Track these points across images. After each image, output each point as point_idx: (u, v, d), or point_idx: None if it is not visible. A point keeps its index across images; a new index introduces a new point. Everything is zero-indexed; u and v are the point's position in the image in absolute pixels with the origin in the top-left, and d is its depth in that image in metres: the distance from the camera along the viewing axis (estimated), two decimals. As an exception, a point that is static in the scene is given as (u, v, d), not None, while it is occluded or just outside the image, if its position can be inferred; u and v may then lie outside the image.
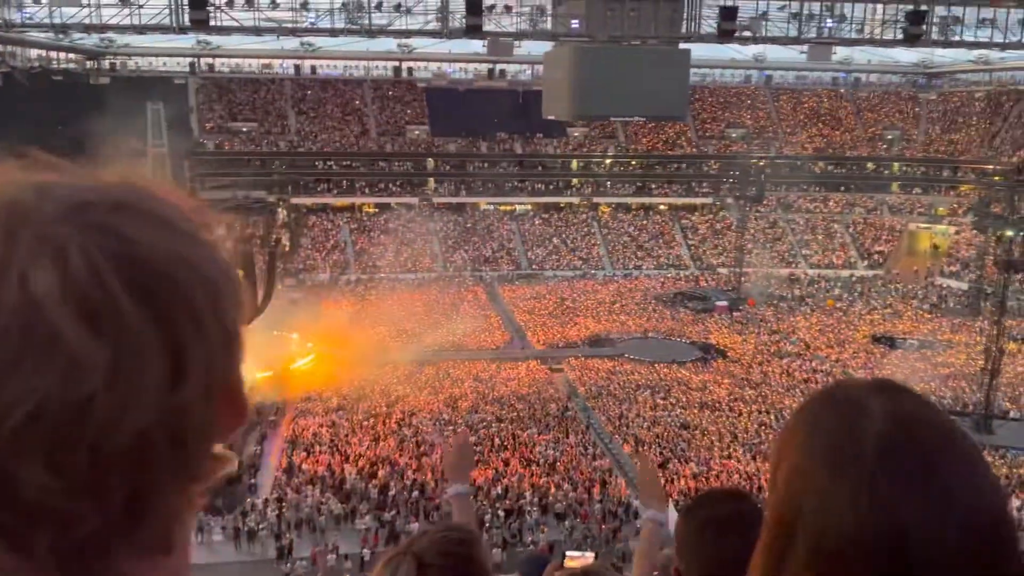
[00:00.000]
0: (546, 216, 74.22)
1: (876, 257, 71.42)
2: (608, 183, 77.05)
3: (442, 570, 1.98)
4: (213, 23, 38.19)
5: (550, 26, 41.10)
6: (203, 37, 65.42)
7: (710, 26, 40.53)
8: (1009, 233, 42.42)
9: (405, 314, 51.69)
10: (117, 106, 42.22)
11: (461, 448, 2.98)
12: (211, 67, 77.87)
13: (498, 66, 79.51)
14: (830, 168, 79.41)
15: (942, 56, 75.38)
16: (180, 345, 0.65)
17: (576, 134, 77.52)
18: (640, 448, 32.79)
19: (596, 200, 75.68)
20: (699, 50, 48.64)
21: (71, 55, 71.14)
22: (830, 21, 42.28)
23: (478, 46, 55.25)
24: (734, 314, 55.41)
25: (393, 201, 73.12)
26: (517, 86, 79.07)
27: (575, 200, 75.64)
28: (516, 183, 75.60)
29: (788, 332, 51.45)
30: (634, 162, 78.19)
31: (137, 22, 38.69)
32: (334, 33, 41.67)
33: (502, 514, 27.08)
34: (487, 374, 42.24)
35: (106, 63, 74.09)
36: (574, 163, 77.43)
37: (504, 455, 31.59)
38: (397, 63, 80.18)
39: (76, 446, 0.61)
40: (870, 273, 68.57)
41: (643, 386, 40.43)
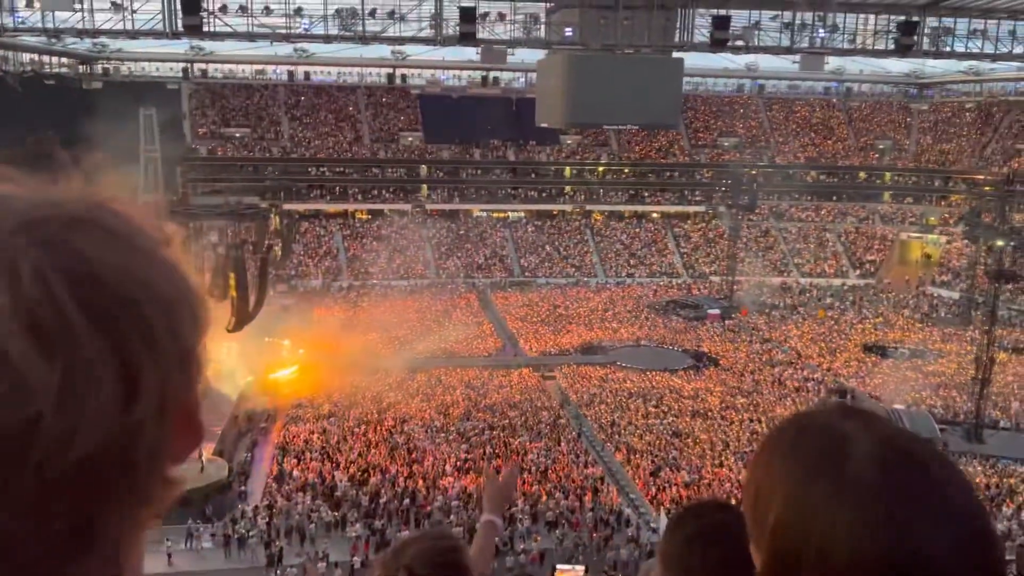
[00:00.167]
0: (539, 223, 74.29)
1: (868, 266, 71.67)
2: (601, 191, 77.22)
3: None
4: (207, 29, 38.11)
5: (544, 34, 41.19)
6: (196, 42, 65.40)
7: (703, 35, 40.68)
8: (1000, 243, 42.68)
9: (397, 321, 51.63)
10: (110, 111, 42.13)
11: (508, 481, 2.97)
12: (204, 72, 77.84)
13: (492, 73, 79.67)
14: (822, 177, 79.79)
15: (933, 67, 75.84)
16: (133, 366, 0.63)
17: (569, 142, 77.67)
18: (632, 455, 32.77)
19: (589, 208, 75.83)
20: (692, 59, 48.78)
21: (64, 60, 70.96)
22: (822, 31, 42.45)
23: (472, 53, 55.32)
24: (726, 322, 55.51)
25: (386, 208, 73.13)
26: (510, 93, 79.21)
27: (568, 208, 75.77)
28: (509, 190, 75.71)
29: (780, 341, 51.56)
30: (627, 170, 78.37)
31: (130, 27, 38.53)
32: (328, 39, 41.66)
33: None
34: (479, 381, 42.14)
35: (99, 68, 74.01)
36: (567, 171, 77.57)
37: (496, 463, 31.52)
38: (391, 70, 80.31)
39: (20, 468, 0.59)
40: (862, 282, 68.80)
41: (635, 394, 40.41)
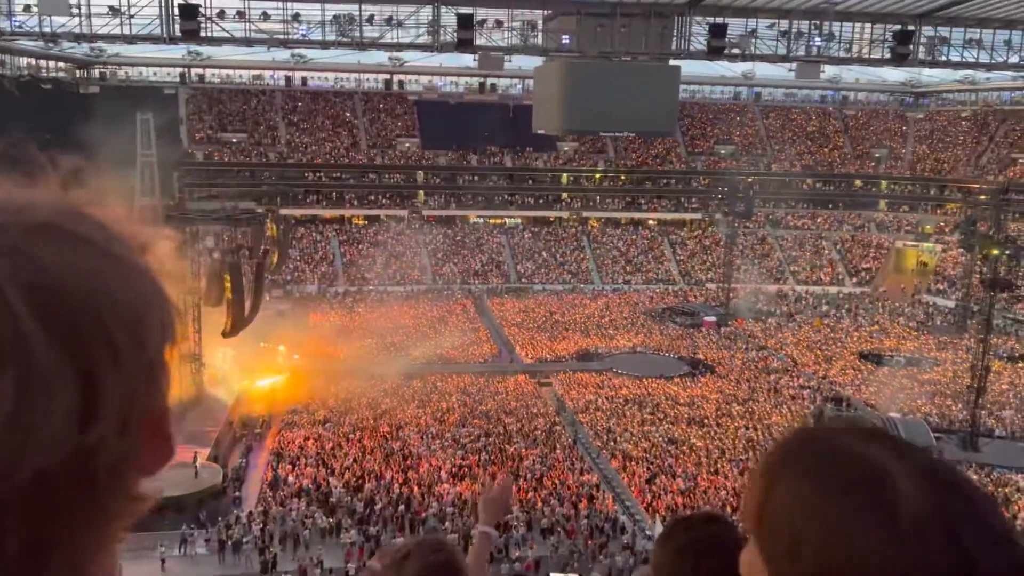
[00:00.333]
0: (536, 230, 74.31)
1: (863, 274, 71.77)
2: (598, 198, 77.32)
3: None
4: (204, 34, 38.08)
5: (541, 41, 41.23)
6: (194, 47, 65.42)
7: (700, 43, 40.78)
8: (995, 251, 42.71)
9: (393, 327, 51.57)
10: (106, 115, 41.99)
11: (503, 492, 2.95)
12: (201, 77, 77.88)
13: (489, 80, 79.84)
14: (818, 185, 79.98)
15: (929, 76, 76.22)
16: (93, 379, 0.61)
17: (566, 148, 77.77)
18: (627, 462, 32.72)
19: (586, 214, 75.89)
20: (689, 67, 48.92)
21: (61, 64, 70.94)
22: (819, 39, 42.57)
23: (469, 60, 55.41)
24: (722, 330, 55.51)
25: (383, 213, 73.10)
26: (508, 100, 79.39)
27: (565, 214, 75.83)
28: (506, 196, 75.72)
29: (776, 348, 51.57)
30: (624, 177, 78.45)
31: (128, 32, 38.52)
32: (325, 45, 41.65)
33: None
34: (475, 388, 42.09)
35: (96, 72, 74.02)
36: (564, 177, 77.63)
37: (491, 469, 31.45)
38: (388, 76, 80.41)
39: None
40: (857, 290, 68.89)
41: (631, 401, 40.37)
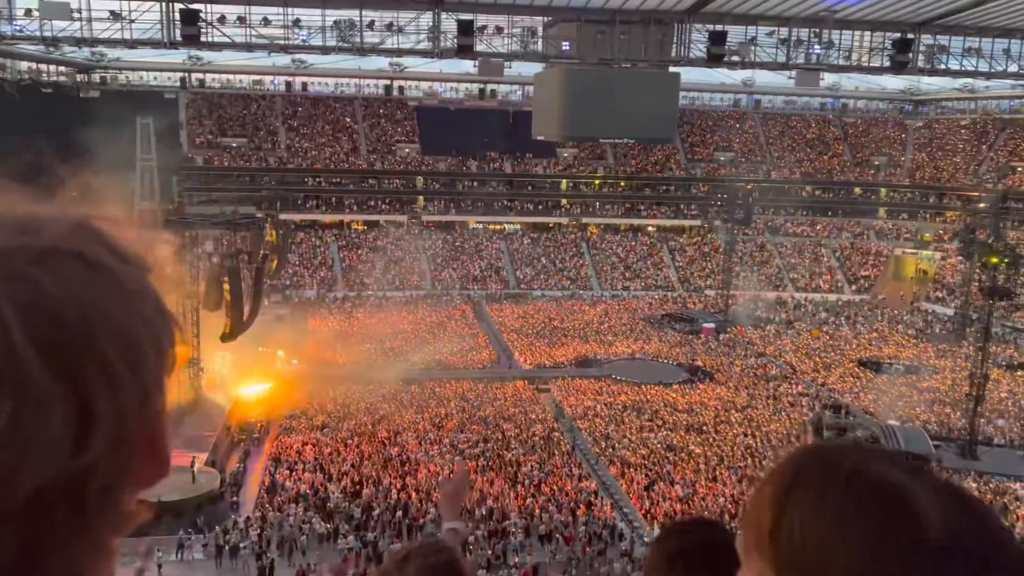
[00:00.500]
0: (535, 236, 74.36)
1: (862, 282, 71.80)
2: (597, 204, 77.36)
3: None
4: (204, 39, 38.08)
5: (541, 48, 41.28)
6: (194, 52, 65.47)
7: (699, 50, 40.82)
8: (994, 260, 42.72)
9: (392, 332, 51.54)
10: (107, 120, 42.12)
11: (459, 484, 2.90)
12: (202, 82, 77.98)
13: (489, 86, 79.91)
14: (817, 193, 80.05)
15: (928, 84, 76.25)
16: (88, 403, 0.63)
17: (566, 155, 77.84)
18: (626, 469, 32.68)
19: (585, 220, 75.93)
20: (688, 74, 48.97)
21: (61, 68, 71.01)
22: (818, 47, 42.63)
23: (469, 66, 55.42)
24: (721, 336, 55.50)
25: (382, 219, 73.14)
26: (507, 106, 79.47)
27: (564, 220, 75.87)
28: (505, 202, 75.78)
29: (775, 355, 51.55)
30: (623, 183, 78.53)
31: (128, 36, 38.53)
32: (326, 51, 41.64)
33: (486, 535, 26.87)
34: (473, 393, 42.05)
35: (96, 77, 74.07)
36: (563, 183, 77.70)
37: (489, 475, 31.41)
38: (388, 81, 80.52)
39: None
40: (856, 298, 68.90)
41: (629, 407, 40.34)
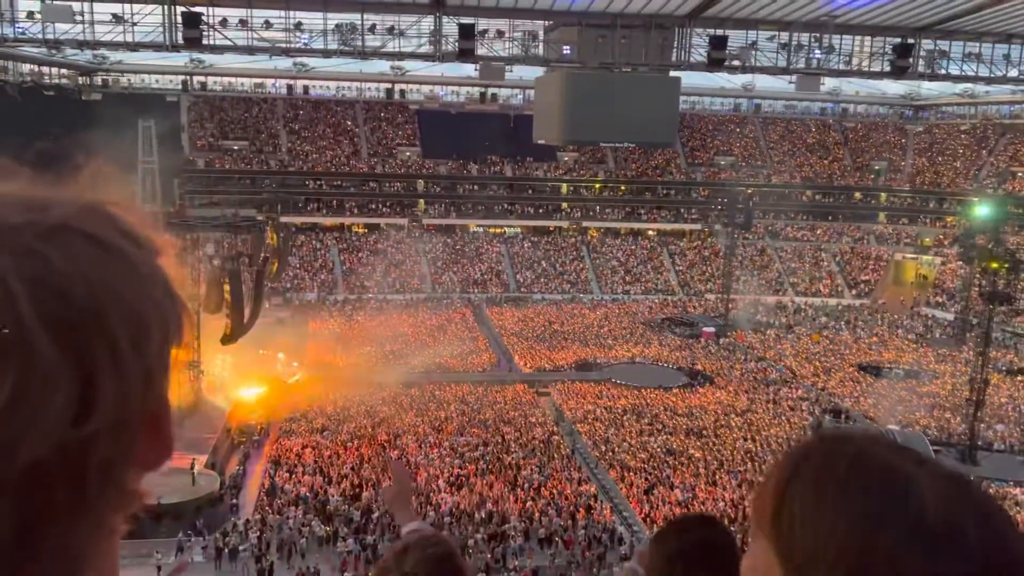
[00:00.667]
0: (535, 239, 74.40)
1: (863, 286, 71.81)
2: (597, 207, 77.41)
3: None
4: (206, 42, 38.16)
5: (542, 52, 41.33)
6: (196, 55, 65.59)
7: (700, 55, 40.88)
8: (994, 264, 42.71)
9: (392, 335, 51.56)
10: (109, 122, 42.16)
11: (399, 484, 2.77)
12: (203, 85, 78.11)
13: (490, 90, 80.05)
14: (818, 197, 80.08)
15: (929, 89, 76.45)
16: (91, 379, 0.64)
17: (566, 158, 77.91)
18: (626, 473, 32.67)
19: (585, 224, 75.98)
20: (689, 78, 49.09)
21: (63, 70, 71.12)
22: (819, 52, 42.67)
23: (470, 70, 55.58)
24: (721, 341, 55.50)
25: (383, 222, 73.20)
26: (508, 110, 79.55)
27: (564, 224, 75.92)
28: (506, 206, 75.84)
29: (775, 360, 51.55)
30: (623, 187, 78.60)
31: (130, 39, 38.55)
32: (327, 54, 41.72)
33: (486, 538, 26.89)
34: (473, 397, 42.05)
35: (98, 79, 74.23)
36: (564, 187, 77.77)
37: (488, 479, 31.41)
38: (389, 85, 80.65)
39: None
40: (857, 302, 68.91)
41: (629, 411, 40.34)
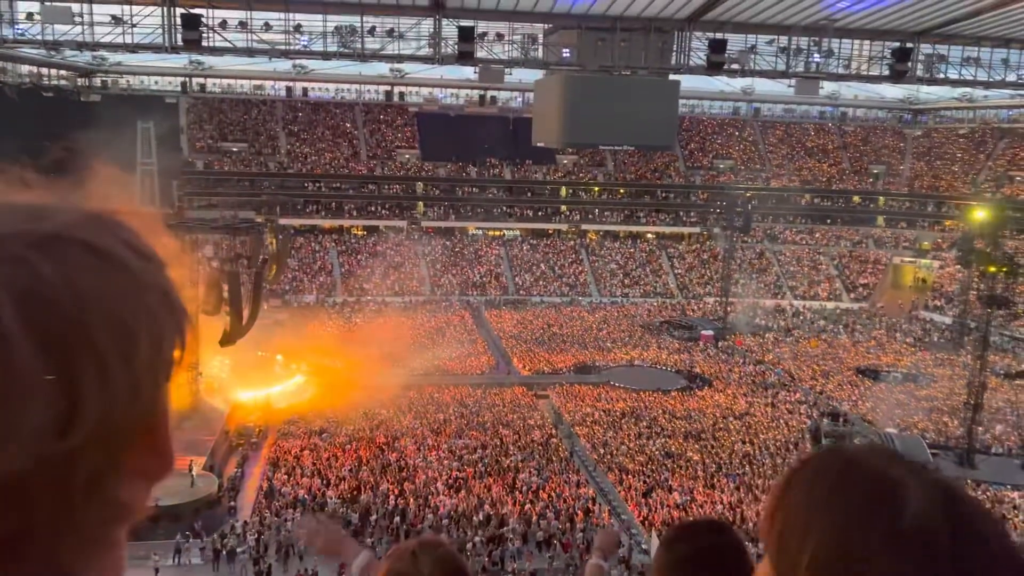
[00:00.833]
0: (534, 242, 74.42)
1: (861, 290, 71.86)
2: (596, 210, 77.46)
3: None
4: (206, 43, 38.17)
5: (541, 55, 41.39)
6: (195, 57, 65.62)
7: (699, 58, 40.96)
8: (992, 268, 42.76)
9: (391, 337, 51.49)
10: (107, 124, 42.02)
11: (328, 531, 2.68)
12: (203, 87, 78.09)
13: (489, 93, 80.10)
14: (816, 201, 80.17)
15: (927, 93, 76.48)
16: (76, 391, 0.62)
17: (565, 161, 77.96)
18: (624, 476, 32.67)
19: (584, 227, 76.01)
20: (688, 81, 49.10)
21: (62, 72, 71.11)
22: (818, 56, 42.73)
23: (470, 72, 55.62)
24: (720, 344, 55.52)
25: (382, 224, 73.20)
26: (508, 113, 79.62)
27: (563, 227, 75.94)
28: (505, 208, 75.86)
29: (773, 363, 51.58)
30: (622, 190, 78.63)
31: (130, 41, 38.60)
32: (327, 56, 41.76)
33: (484, 541, 26.86)
34: (472, 399, 42.05)
35: (97, 81, 74.22)
36: (563, 190, 77.80)
37: (487, 481, 31.40)
38: (389, 87, 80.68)
39: None
40: (855, 306, 68.95)
41: (628, 414, 40.35)
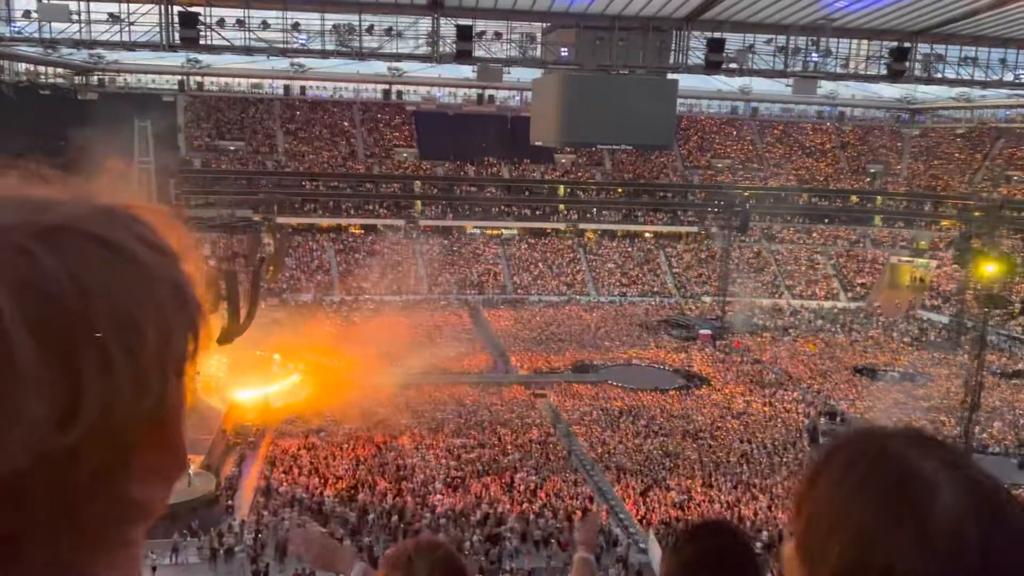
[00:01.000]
0: (532, 241, 74.39)
1: (858, 289, 71.92)
2: (594, 210, 77.44)
3: None
4: (203, 42, 38.11)
5: (539, 54, 41.39)
6: (193, 55, 65.51)
7: (697, 57, 40.98)
8: (989, 268, 42.85)
9: (389, 336, 51.43)
10: (104, 122, 41.94)
11: (306, 541, 2.69)
12: (200, 85, 77.98)
13: (487, 91, 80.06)
14: (814, 200, 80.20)
15: (925, 92, 76.54)
16: (77, 383, 0.61)
17: (563, 160, 77.94)
18: (622, 475, 32.68)
19: (582, 226, 75.99)
20: (686, 81, 49.13)
21: (59, 70, 70.99)
22: (815, 55, 42.77)
23: (468, 71, 55.59)
24: (717, 343, 55.54)
25: (379, 223, 73.15)
26: (506, 111, 79.56)
27: (561, 226, 75.92)
28: (503, 207, 75.82)
29: (771, 362, 51.60)
30: (620, 189, 78.62)
31: (127, 39, 38.55)
32: (325, 55, 41.73)
33: (482, 540, 26.85)
34: (470, 398, 42.03)
35: (94, 79, 74.05)
36: (561, 189, 77.79)
37: (485, 480, 31.38)
38: (387, 86, 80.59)
39: None
40: (852, 305, 69.00)
41: (626, 413, 40.37)
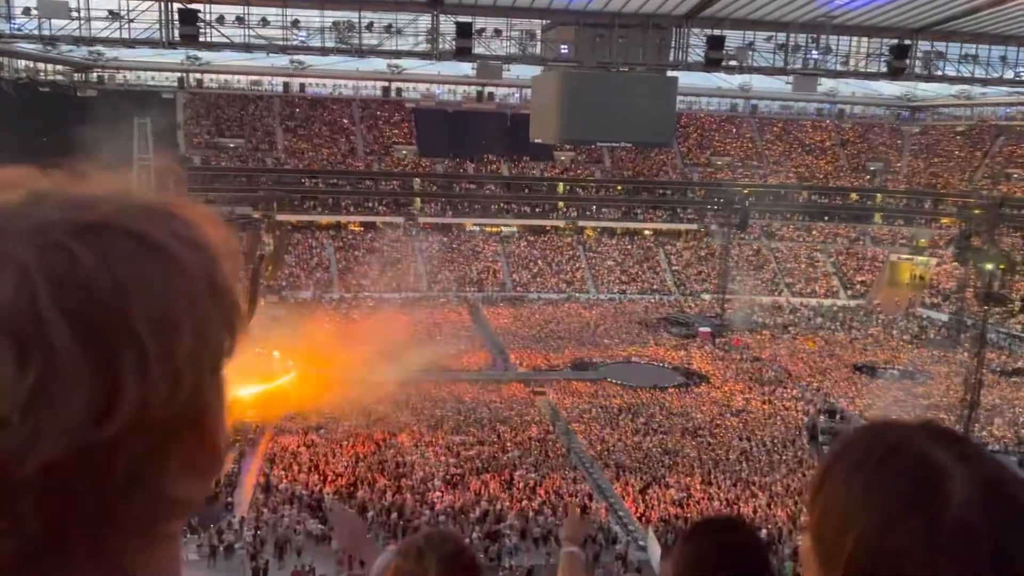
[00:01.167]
0: (532, 238, 74.37)
1: (858, 287, 71.92)
2: (594, 207, 77.38)
3: None
4: (203, 39, 38.08)
5: (539, 51, 41.35)
6: (192, 52, 65.45)
7: (697, 55, 40.95)
8: (989, 266, 42.85)
9: (388, 334, 51.43)
10: (104, 119, 41.94)
11: (346, 521, 2.81)
12: (200, 82, 77.91)
13: (487, 89, 79.97)
14: (814, 198, 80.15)
15: (925, 90, 76.52)
16: (114, 379, 0.61)
17: (563, 158, 77.87)
18: (621, 472, 32.70)
19: (582, 224, 75.93)
20: (686, 78, 49.13)
21: (59, 67, 70.91)
22: (816, 53, 42.73)
23: (467, 68, 55.57)
24: (717, 340, 55.54)
25: (379, 220, 73.10)
26: (505, 109, 79.49)
27: (561, 223, 75.89)
28: (502, 205, 75.78)
29: (770, 360, 51.61)
30: (620, 187, 78.60)
31: (127, 36, 38.49)
32: (324, 52, 41.67)
33: (481, 537, 26.85)
34: (469, 395, 42.05)
35: (94, 76, 73.97)
36: (560, 186, 77.74)
37: (484, 478, 31.40)
38: (386, 83, 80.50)
39: None
40: (852, 303, 69.00)
41: (625, 410, 40.39)
